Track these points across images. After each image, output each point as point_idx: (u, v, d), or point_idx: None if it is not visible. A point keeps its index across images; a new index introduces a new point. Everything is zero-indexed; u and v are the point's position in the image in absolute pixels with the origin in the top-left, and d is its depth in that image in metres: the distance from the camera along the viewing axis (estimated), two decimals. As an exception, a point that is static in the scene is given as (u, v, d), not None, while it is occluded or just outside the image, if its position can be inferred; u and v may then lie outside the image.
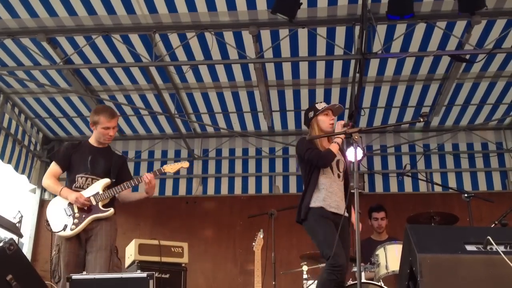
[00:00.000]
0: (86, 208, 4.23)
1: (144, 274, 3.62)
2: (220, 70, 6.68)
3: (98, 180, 4.35)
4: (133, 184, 4.36)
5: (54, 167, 4.47)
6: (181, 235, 7.45)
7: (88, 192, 4.29)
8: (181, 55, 6.32)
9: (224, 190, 8.31)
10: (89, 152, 4.46)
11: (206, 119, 7.83)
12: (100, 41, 6.10)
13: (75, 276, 3.66)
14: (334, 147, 4.19)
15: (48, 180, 4.42)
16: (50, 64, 6.41)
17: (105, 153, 4.53)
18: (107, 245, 4.16)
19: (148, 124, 8.04)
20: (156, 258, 5.78)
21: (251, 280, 5.94)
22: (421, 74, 6.69)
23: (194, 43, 6.11)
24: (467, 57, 5.92)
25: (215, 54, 6.27)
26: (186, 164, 4.60)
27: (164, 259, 5.85)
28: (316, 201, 4.14)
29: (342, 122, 4.19)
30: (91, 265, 4.09)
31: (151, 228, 7.86)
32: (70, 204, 4.28)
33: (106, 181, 4.35)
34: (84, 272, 3.84)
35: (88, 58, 6.41)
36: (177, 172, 8.26)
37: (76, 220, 4.20)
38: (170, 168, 4.52)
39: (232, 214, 7.94)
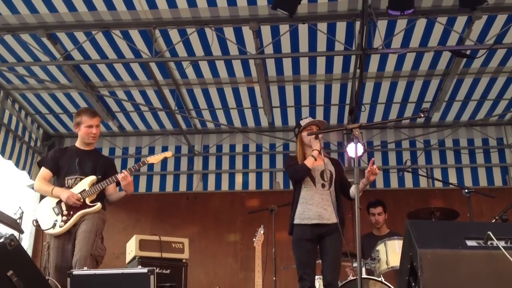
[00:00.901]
0: (73, 205, 4.36)
1: (145, 270, 3.63)
2: (221, 66, 6.67)
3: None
4: (115, 180, 4.44)
5: (43, 171, 4.64)
6: (182, 231, 7.47)
7: (75, 190, 4.43)
8: (181, 51, 6.31)
9: (225, 186, 8.31)
10: (76, 155, 4.60)
11: (206, 115, 7.83)
12: (100, 37, 6.09)
13: (76, 272, 3.67)
14: (308, 161, 4.45)
15: (39, 183, 4.60)
16: (50, 60, 6.41)
17: (92, 155, 4.67)
18: (92, 228, 4.29)
19: (148, 120, 8.03)
20: (157, 254, 5.78)
21: (251, 275, 5.95)
22: (421, 69, 6.68)
23: (194, 39, 6.10)
24: (468, 52, 5.91)
25: (215, 50, 6.26)
26: (169, 154, 4.67)
27: (165, 255, 5.86)
28: (296, 218, 4.47)
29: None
30: (77, 245, 4.21)
31: (151, 224, 7.86)
32: (58, 203, 4.42)
33: (92, 178, 4.47)
34: (85, 268, 3.83)
35: (88, 54, 6.40)
36: (178, 167, 8.37)
37: (64, 218, 4.35)
38: (154, 159, 4.60)
39: (232, 210, 7.94)
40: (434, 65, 6.58)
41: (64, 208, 4.40)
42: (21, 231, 5.85)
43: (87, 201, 4.41)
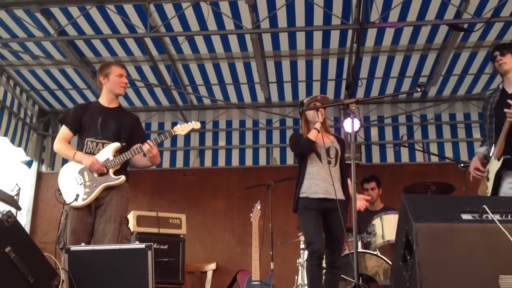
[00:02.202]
0: (97, 175, 4.12)
1: (143, 245, 3.63)
2: (216, 41, 6.61)
3: (108, 144, 4.21)
4: (139, 151, 4.20)
5: (64, 131, 4.33)
6: (179, 207, 7.50)
7: (99, 158, 4.16)
8: (176, 25, 6.25)
9: (222, 162, 8.32)
10: (100, 113, 4.30)
11: (202, 91, 7.80)
12: (94, 12, 6.02)
13: (73, 248, 3.68)
14: (312, 134, 4.44)
15: (59, 145, 4.29)
16: (45, 36, 6.34)
17: (116, 114, 4.36)
18: (116, 216, 4.09)
19: (144, 96, 8.00)
20: (154, 230, 5.84)
21: (249, 250, 6.01)
22: (418, 43, 6.64)
23: (190, 13, 6.04)
24: (465, 26, 5.87)
25: (211, 24, 6.20)
26: (197, 125, 4.34)
27: (162, 231, 5.92)
28: (303, 192, 4.43)
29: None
30: (99, 236, 4.05)
31: (149, 200, 7.89)
32: (81, 171, 4.16)
33: (116, 145, 4.20)
34: (83, 244, 3.84)
35: (82, 29, 6.33)
36: (174, 143, 8.36)
37: (87, 190, 4.10)
38: (181, 129, 4.32)
39: (229, 186, 7.96)
40: (431, 39, 6.54)
41: (87, 178, 4.12)
42: (18, 208, 5.87)
43: (111, 172, 4.14)
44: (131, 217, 5.86)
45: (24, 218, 7.80)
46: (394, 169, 7.79)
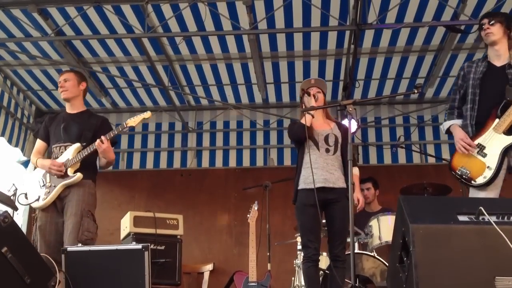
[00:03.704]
0: (56, 176, 4.25)
1: (139, 246, 3.64)
2: (214, 41, 6.61)
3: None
4: (93, 148, 4.25)
5: (37, 143, 4.62)
6: (176, 207, 7.49)
7: (60, 160, 4.32)
8: (174, 26, 6.25)
9: (219, 162, 8.31)
10: (63, 120, 4.49)
11: (200, 91, 7.79)
12: (91, 12, 6.01)
13: (70, 248, 3.69)
14: (304, 119, 4.29)
15: (32, 157, 4.58)
16: (42, 36, 6.33)
17: (79, 118, 4.50)
18: (77, 210, 4.15)
19: (141, 97, 7.99)
20: (151, 230, 5.83)
21: (246, 251, 6.01)
22: (416, 45, 6.65)
23: (187, 14, 6.03)
24: (462, 27, 5.88)
25: (209, 25, 6.20)
26: (148, 115, 4.40)
27: (159, 231, 5.91)
28: (301, 183, 4.27)
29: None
30: (64, 233, 4.14)
31: (146, 200, 7.88)
32: (44, 175, 4.34)
33: (76, 146, 4.33)
34: (79, 244, 3.85)
35: (80, 29, 6.32)
36: (171, 144, 8.35)
37: (47, 190, 4.26)
38: (133, 121, 4.38)
39: (226, 187, 7.96)
40: (429, 40, 6.55)
41: (48, 180, 4.31)
42: (15, 208, 5.85)
43: (70, 171, 4.26)
44: (128, 217, 5.86)
45: (20, 219, 7.77)
46: (391, 170, 7.79)
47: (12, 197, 6.10)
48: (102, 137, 4.22)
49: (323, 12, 5.90)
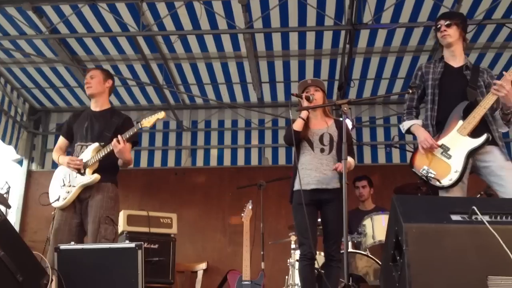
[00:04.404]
0: (76, 176, 4.20)
1: (133, 244, 3.62)
2: (209, 40, 6.60)
3: None
4: (110, 148, 4.17)
5: (59, 140, 4.55)
6: (170, 206, 7.46)
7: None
8: (169, 24, 6.24)
9: (213, 161, 8.31)
10: (87, 119, 4.42)
11: (195, 90, 7.79)
12: (86, 10, 6.00)
13: (63, 246, 3.67)
14: (296, 123, 4.27)
15: (54, 153, 4.52)
16: (36, 34, 6.31)
17: (103, 116, 4.43)
18: (95, 217, 4.12)
19: (136, 95, 7.97)
20: (145, 229, 5.81)
21: (240, 250, 6.00)
22: (411, 45, 6.67)
23: (183, 12, 6.03)
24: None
25: (204, 24, 6.19)
26: (162, 115, 4.32)
27: (153, 230, 5.89)
28: (296, 184, 4.27)
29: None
30: (88, 236, 4.14)
31: (140, 199, 7.86)
32: (66, 174, 4.27)
33: (94, 146, 4.26)
34: (72, 242, 3.83)
35: (74, 27, 6.31)
36: (166, 142, 8.34)
37: (67, 190, 4.20)
38: (147, 121, 4.30)
39: (221, 186, 7.95)
40: (423, 40, 6.57)
41: (68, 180, 4.24)
42: (8, 206, 5.84)
43: (88, 172, 4.20)
44: (122, 216, 5.84)
45: (13, 217, 7.75)
46: (385, 169, 7.80)
47: (5, 195, 6.08)
48: (119, 137, 4.14)
49: (319, 12, 5.91)
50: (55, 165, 4.55)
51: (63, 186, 4.25)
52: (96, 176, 4.19)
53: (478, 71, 3.86)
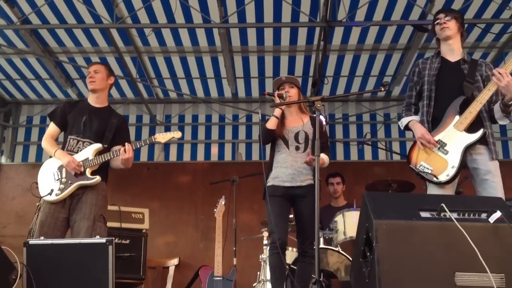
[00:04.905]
0: (74, 173, 4.14)
1: (103, 240, 3.58)
2: (184, 34, 6.56)
3: (90, 144, 4.23)
4: (118, 154, 4.17)
5: (51, 127, 4.36)
6: (142, 201, 7.41)
7: (79, 157, 4.18)
8: (143, 17, 6.17)
9: (187, 156, 8.27)
10: (85, 112, 4.32)
11: (169, 84, 7.73)
12: (59, 1, 5.90)
13: (32, 241, 3.61)
14: (269, 122, 4.23)
15: (44, 141, 4.32)
16: (7, 24, 6.18)
17: (102, 114, 4.36)
18: (90, 214, 4.06)
19: (109, 88, 7.87)
20: (116, 224, 5.75)
21: (212, 245, 5.99)
22: (384, 43, 6.74)
23: (157, 5, 5.98)
24: (429, 27, 5.96)
25: (179, 17, 6.15)
26: (178, 134, 4.33)
27: (124, 225, 5.84)
28: (270, 180, 4.25)
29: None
30: (74, 232, 4.05)
31: (111, 194, 7.56)
32: (60, 168, 4.18)
33: (97, 146, 4.21)
34: (42, 238, 3.77)
35: (46, 18, 6.19)
36: (139, 137, 8.25)
37: (62, 186, 4.12)
38: (162, 137, 4.31)
39: (194, 181, 7.92)
40: (396, 39, 6.65)
41: (64, 175, 4.15)
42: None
43: (88, 172, 4.15)
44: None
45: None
46: (357, 166, 7.88)
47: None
48: (127, 146, 4.14)
49: (294, 8, 5.93)
50: (25, 158, 4.46)
51: (57, 180, 4.16)
52: (98, 178, 4.16)
53: (476, 64, 3.84)
